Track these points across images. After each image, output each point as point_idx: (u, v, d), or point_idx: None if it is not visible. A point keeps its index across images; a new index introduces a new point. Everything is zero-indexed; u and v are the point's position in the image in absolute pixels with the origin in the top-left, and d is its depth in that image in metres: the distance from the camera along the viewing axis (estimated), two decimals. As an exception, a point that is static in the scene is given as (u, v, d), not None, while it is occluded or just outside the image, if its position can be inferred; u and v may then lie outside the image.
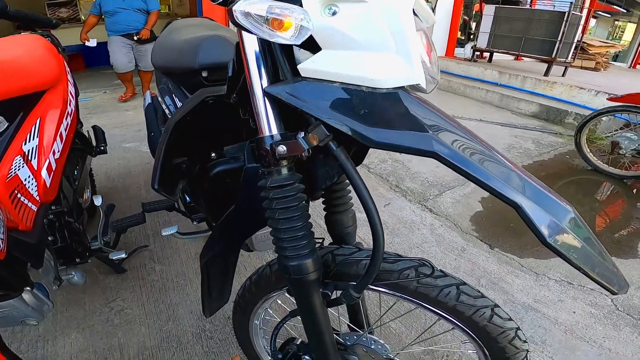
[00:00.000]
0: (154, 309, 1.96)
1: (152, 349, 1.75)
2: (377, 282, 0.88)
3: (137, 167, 3.47)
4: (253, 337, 1.34)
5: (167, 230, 1.83)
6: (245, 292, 1.21)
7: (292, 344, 1.11)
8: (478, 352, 1.03)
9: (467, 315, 0.88)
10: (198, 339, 1.79)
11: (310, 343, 1.02)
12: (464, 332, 0.94)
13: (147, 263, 2.30)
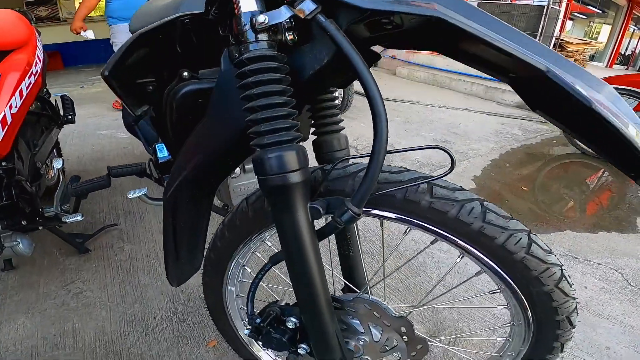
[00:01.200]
0: (119, 291, 1.65)
1: (112, 334, 1.44)
2: (381, 205, 0.72)
3: (112, 152, 3.15)
4: (228, 307, 1.05)
5: (135, 193, 1.55)
6: (216, 241, 0.93)
7: (274, 306, 0.83)
8: (512, 305, 0.78)
9: (499, 243, 0.68)
10: (168, 323, 1.49)
11: (298, 295, 0.75)
12: (494, 273, 0.71)
13: (115, 243, 1.98)
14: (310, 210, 0.68)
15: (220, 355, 1.35)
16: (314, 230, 0.70)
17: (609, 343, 1.44)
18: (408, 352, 0.82)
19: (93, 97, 5.02)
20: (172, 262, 1.02)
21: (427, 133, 3.45)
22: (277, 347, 0.83)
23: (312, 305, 0.73)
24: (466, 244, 0.71)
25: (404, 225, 0.77)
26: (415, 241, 2.01)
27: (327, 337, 0.77)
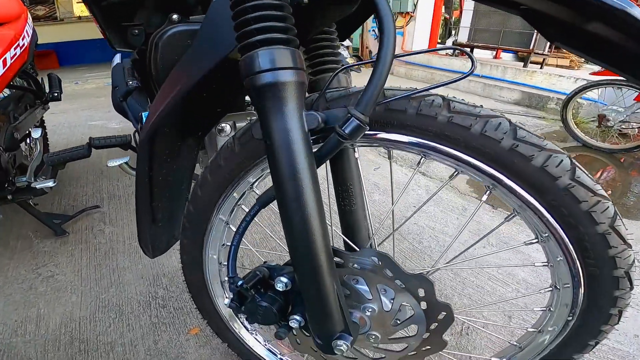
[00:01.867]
0: (94, 275, 1.46)
1: (81, 320, 1.24)
2: (390, 125, 0.60)
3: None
4: (209, 278, 0.87)
5: (115, 161, 1.38)
6: (197, 189, 0.76)
7: (261, 267, 0.66)
8: (555, 260, 0.60)
9: (537, 165, 0.53)
10: (146, 308, 1.29)
11: (291, 244, 0.57)
12: (533, 211, 0.56)
13: (96, 225, 1.79)
14: (307, 118, 0.53)
15: (202, 344, 1.16)
16: (311, 149, 0.53)
17: (638, 331, 1.26)
18: (427, 323, 0.65)
19: (87, 93, 4.84)
20: (147, 225, 0.85)
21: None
22: (264, 320, 0.65)
23: (309, 258, 0.55)
24: (495, 170, 0.55)
25: (416, 154, 0.62)
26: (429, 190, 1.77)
27: (326, 302, 0.59)
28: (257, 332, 0.98)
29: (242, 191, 0.75)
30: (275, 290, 0.65)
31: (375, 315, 0.67)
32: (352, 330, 0.62)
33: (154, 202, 0.83)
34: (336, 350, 0.61)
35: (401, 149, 0.63)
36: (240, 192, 0.75)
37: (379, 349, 0.73)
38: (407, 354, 0.71)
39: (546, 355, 0.70)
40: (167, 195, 0.87)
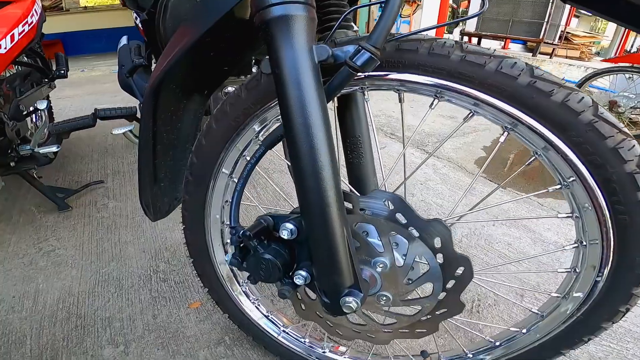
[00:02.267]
0: (95, 249, 1.42)
1: (80, 295, 1.20)
2: (401, 65, 0.56)
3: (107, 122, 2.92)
4: (210, 240, 0.81)
5: (120, 129, 1.39)
6: (202, 139, 0.71)
7: (265, 216, 0.60)
8: (580, 210, 0.54)
9: (557, 101, 0.49)
10: (146, 282, 1.25)
11: (299, 187, 0.52)
12: (556, 151, 0.51)
13: (99, 200, 1.75)
14: (317, 50, 0.50)
15: (203, 319, 1.10)
16: (321, 82, 0.49)
17: None
18: (444, 280, 0.59)
19: (93, 79, 4.80)
20: (148, 183, 0.81)
21: (434, 110, 3.24)
22: (267, 276, 0.59)
23: (318, 197, 0.50)
24: (513, 107, 0.51)
25: (429, 96, 0.58)
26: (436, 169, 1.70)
27: (335, 251, 0.53)
28: (260, 301, 0.93)
29: (248, 140, 0.70)
30: (279, 242, 0.59)
31: (386, 271, 0.61)
32: (362, 288, 0.57)
33: (157, 159, 0.80)
34: (345, 308, 0.55)
35: (413, 90, 0.59)
36: (245, 141, 0.70)
37: (389, 313, 0.67)
38: (421, 319, 0.65)
39: (572, 323, 0.63)
40: (171, 154, 0.84)
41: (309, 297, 0.72)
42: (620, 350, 0.99)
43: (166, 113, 0.75)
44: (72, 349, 1.00)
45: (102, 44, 6.73)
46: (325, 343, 0.90)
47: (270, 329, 0.92)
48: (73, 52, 6.87)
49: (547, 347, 0.67)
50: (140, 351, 1.00)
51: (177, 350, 1.00)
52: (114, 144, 2.44)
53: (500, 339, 0.73)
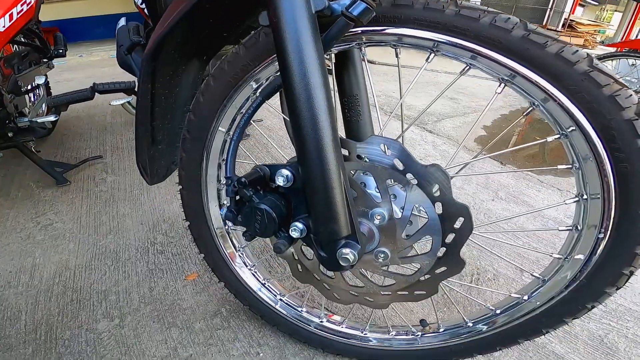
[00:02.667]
0: (93, 222, 1.40)
1: (76, 269, 1.18)
2: (397, 20, 0.56)
3: (105, 101, 2.89)
4: (207, 203, 0.80)
5: (119, 101, 1.39)
6: (199, 97, 0.70)
7: (262, 165, 0.58)
8: (580, 160, 0.54)
9: (552, 52, 0.49)
10: (143, 255, 1.23)
11: (295, 134, 0.51)
12: (552, 99, 0.51)
13: (98, 175, 1.74)
14: (314, 1, 0.49)
15: (200, 291, 1.09)
16: (318, 31, 0.49)
17: None
18: (443, 233, 0.57)
19: (91, 64, 4.75)
20: (145, 144, 0.79)
21: (434, 92, 3.18)
22: (263, 228, 0.57)
23: (315, 143, 0.49)
24: (509, 59, 0.51)
25: (425, 51, 0.58)
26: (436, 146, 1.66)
27: (332, 198, 0.51)
28: (256, 268, 0.92)
29: (245, 97, 0.68)
30: (275, 193, 0.57)
31: (384, 224, 0.58)
32: (359, 237, 0.55)
33: (155, 121, 0.79)
34: (342, 260, 0.54)
35: (410, 44, 0.58)
36: (242, 98, 0.68)
37: (388, 273, 0.66)
38: (420, 278, 0.64)
39: (574, 288, 0.61)
40: (169, 117, 0.83)
41: (306, 257, 0.70)
42: (620, 328, 0.98)
43: (164, 77, 0.75)
44: (67, 324, 0.98)
45: (101, 30, 6.67)
46: (322, 312, 0.89)
47: (267, 298, 0.91)
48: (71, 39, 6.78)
49: (549, 315, 0.64)
50: (135, 324, 0.98)
51: (172, 323, 0.98)
52: (113, 122, 2.42)
53: (501, 306, 0.71)
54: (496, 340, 0.71)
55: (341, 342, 0.85)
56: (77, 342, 0.93)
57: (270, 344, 0.93)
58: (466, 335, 0.73)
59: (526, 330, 0.67)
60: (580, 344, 0.93)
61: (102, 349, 0.92)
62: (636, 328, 0.98)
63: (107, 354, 0.90)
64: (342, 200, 0.51)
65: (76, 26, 6.81)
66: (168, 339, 0.94)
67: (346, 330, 0.86)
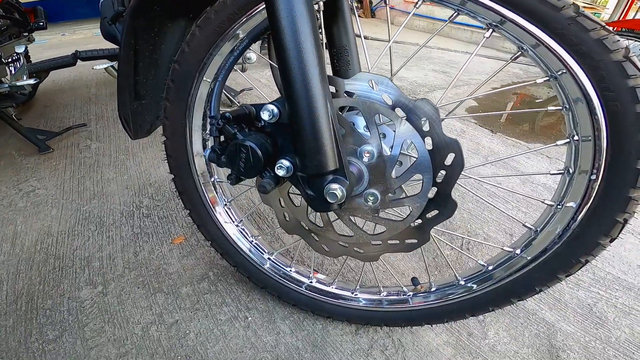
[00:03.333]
0: (77, 187, 1.36)
1: (59, 235, 1.14)
2: None
3: (90, 75, 2.81)
4: (192, 154, 0.76)
5: (101, 65, 1.35)
6: (184, 47, 0.67)
7: (247, 104, 0.55)
8: (571, 102, 0.52)
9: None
10: (128, 219, 1.20)
11: (281, 65, 0.48)
12: (542, 45, 0.50)
13: (82, 142, 1.69)
14: None
15: (186, 254, 1.06)
16: None
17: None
18: (434, 169, 0.54)
19: (74, 42, 4.58)
20: (128, 99, 0.76)
21: (427, 65, 3.14)
22: (247, 169, 0.54)
23: (301, 76, 0.46)
24: (496, 3, 0.50)
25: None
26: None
27: (318, 130, 0.48)
28: (244, 224, 0.89)
29: (231, 47, 0.65)
30: (260, 132, 0.54)
31: (373, 162, 0.56)
32: (348, 177, 0.52)
33: (138, 76, 0.76)
34: (329, 196, 0.51)
35: None
36: (228, 48, 0.65)
37: (378, 219, 0.63)
38: (411, 224, 0.62)
39: (567, 239, 0.59)
40: (153, 73, 0.81)
41: (293, 204, 0.68)
42: (609, 298, 0.97)
43: (149, 33, 0.73)
44: (49, 292, 0.95)
45: (84, 10, 6.43)
46: (311, 273, 0.87)
47: (255, 257, 0.88)
48: (54, 19, 6.55)
49: (542, 270, 0.62)
50: (119, 291, 0.95)
51: (158, 288, 0.95)
52: (98, 94, 2.34)
53: (493, 262, 0.69)
54: (489, 300, 0.69)
55: (331, 304, 0.84)
56: (58, 312, 0.89)
57: (258, 307, 0.91)
58: (459, 294, 0.72)
59: (519, 288, 0.65)
60: (570, 312, 0.92)
61: (84, 317, 0.88)
62: (625, 297, 0.97)
63: (90, 322, 0.87)
64: (329, 131, 0.48)
65: (59, 5, 6.55)
66: (153, 305, 0.91)
67: (336, 291, 0.84)
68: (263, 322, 0.87)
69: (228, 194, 0.87)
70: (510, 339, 0.85)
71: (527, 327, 0.88)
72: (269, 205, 0.70)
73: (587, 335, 0.87)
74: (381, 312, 0.80)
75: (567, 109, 0.55)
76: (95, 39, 4.69)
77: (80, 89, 2.46)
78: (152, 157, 1.54)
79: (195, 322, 0.87)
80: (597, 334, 0.87)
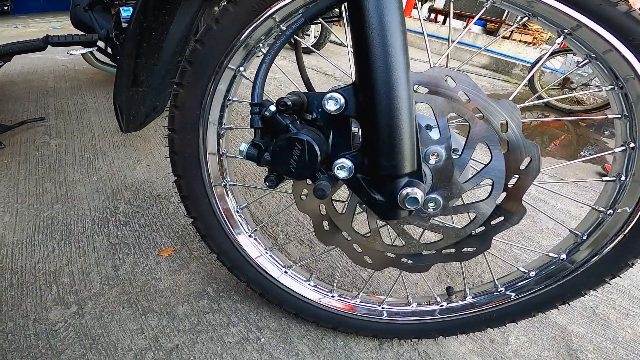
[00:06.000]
0: (34, 189, 1.16)
1: (15, 245, 0.95)
2: None
3: (47, 68, 2.52)
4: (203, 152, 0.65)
5: (80, 50, 1.24)
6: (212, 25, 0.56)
7: (299, 92, 0.46)
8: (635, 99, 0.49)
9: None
10: (102, 227, 1.03)
11: (356, 48, 0.41)
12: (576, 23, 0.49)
13: (39, 138, 1.47)
14: None
15: (178, 268, 0.92)
16: None
17: None
18: (507, 174, 0.49)
19: (27, 35, 4.10)
20: (126, 84, 0.64)
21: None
22: (300, 167, 0.45)
23: (384, 61, 0.39)
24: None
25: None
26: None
27: (399, 128, 0.41)
28: (258, 235, 0.78)
29: (267, 28, 0.56)
30: (312, 124, 0.46)
31: (440, 165, 0.49)
32: (422, 177, 0.45)
33: (140, 58, 0.64)
34: (408, 202, 0.44)
35: None
36: (263, 30, 0.56)
37: (435, 226, 0.56)
38: (472, 231, 0.56)
39: (618, 244, 0.57)
40: (156, 56, 0.71)
41: (336, 211, 0.59)
42: (607, 300, 1.00)
43: (160, 9, 0.64)
44: (8, 313, 0.78)
45: (40, 3, 5.80)
46: (334, 287, 0.78)
47: (270, 272, 0.77)
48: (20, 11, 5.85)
49: (589, 275, 0.60)
50: (99, 311, 0.80)
51: (149, 308, 0.82)
52: (57, 87, 2.08)
53: (535, 267, 0.66)
54: (532, 305, 0.66)
55: (356, 319, 0.76)
56: (23, 336, 0.73)
57: (271, 326, 0.81)
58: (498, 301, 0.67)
59: (566, 292, 0.62)
60: (577, 315, 0.94)
61: (58, 342, 0.73)
62: (620, 300, 1.01)
63: (67, 349, 0.72)
64: (411, 128, 0.41)
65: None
66: (145, 328, 0.78)
67: (361, 304, 0.77)
68: (278, 342, 0.78)
69: (241, 200, 0.76)
70: (531, 343, 0.85)
71: (543, 330, 0.88)
72: (306, 213, 0.61)
73: (597, 337, 0.89)
74: (411, 325, 0.74)
75: (626, 117, 0.54)
76: (54, 33, 4.24)
77: (35, 82, 2.18)
78: (125, 156, 1.37)
79: (200, 346, 0.75)
80: (605, 335, 0.89)
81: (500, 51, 4.70)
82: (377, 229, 0.58)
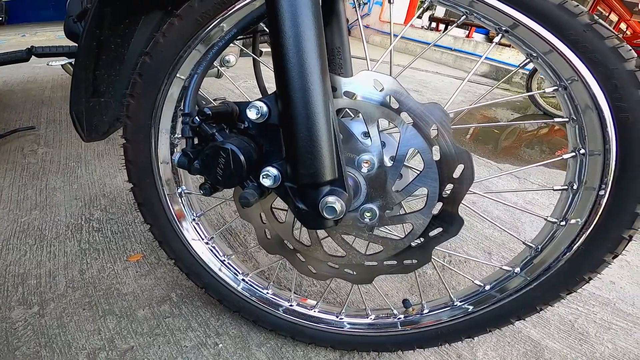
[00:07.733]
0: (16, 196, 1.18)
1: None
2: None
3: (47, 77, 2.60)
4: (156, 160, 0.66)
5: (58, 61, 1.22)
6: (159, 39, 0.58)
7: (229, 102, 0.46)
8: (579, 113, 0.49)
9: (555, 3, 0.46)
10: (75, 233, 1.04)
11: (275, 53, 0.40)
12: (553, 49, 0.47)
13: (27, 146, 1.50)
14: None
15: (145, 273, 0.93)
16: None
17: (612, 278, 1.19)
18: (440, 183, 0.48)
19: (34, 44, 4.26)
20: (84, 94, 0.66)
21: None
22: (227, 177, 0.45)
23: (300, 72, 0.39)
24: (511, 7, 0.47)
25: None
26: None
27: (317, 135, 0.41)
28: (214, 241, 0.79)
29: (214, 40, 0.57)
30: (243, 133, 0.46)
31: (372, 173, 0.49)
32: (345, 186, 0.45)
33: (99, 70, 0.65)
34: (326, 211, 0.43)
35: None
36: (209, 42, 0.57)
37: (374, 237, 0.56)
38: (411, 243, 0.55)
39: (572, 257, 0.55)
40: (117, 69, 0.70)
41: (277, 220, 0.59)
42: (588, 313, 0.97)
43: (118, 24, 0.65)
44: None
45: (49, 12, 5.98)
46: (292, 295, 0.78)
47: (227, 278, 0.78)
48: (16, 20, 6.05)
49: (545, 288, 0.58)
50: (60, 312, 0.81)
51: (109, 310, 0.82)
52: (52, 96, 2.14)
53: (490, 281, 0.64)
54: (486, 321, 0.64)
55: (313, 329, 0.75)
56: None
57: (230, 332, 0.80)
58: (454, 316, 0.66)
59: (520, 308, 0.60)
60: (553, 329, 0.91)
61: (15, 340, 0.74)
62: (602, 313, 0.97)
63: (22, 346, 0.73)
64: (329, 135, 0.41)
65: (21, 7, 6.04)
66: (102, 329, 0.78)
67: (319, 315, 0.76)
68: (236, 349, 0.77)
69: (197, 208, 0.76)
70: (500, 359, 0.81)
71: (515, 345, 0.85)
72: (248, 220, 0.61)
73: (573, 352, 0.85)
74: (369, 337, 0.72)
75: (574, 121, 0.52)
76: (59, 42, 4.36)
77: (33, 91, 2.25)
78: (107, 165, 1.39)
79: (155, 349, 0.75)
80: (582, 350, 0.86)
81: (501, 59, 4.68)
82: (317, 238, 0.58)
